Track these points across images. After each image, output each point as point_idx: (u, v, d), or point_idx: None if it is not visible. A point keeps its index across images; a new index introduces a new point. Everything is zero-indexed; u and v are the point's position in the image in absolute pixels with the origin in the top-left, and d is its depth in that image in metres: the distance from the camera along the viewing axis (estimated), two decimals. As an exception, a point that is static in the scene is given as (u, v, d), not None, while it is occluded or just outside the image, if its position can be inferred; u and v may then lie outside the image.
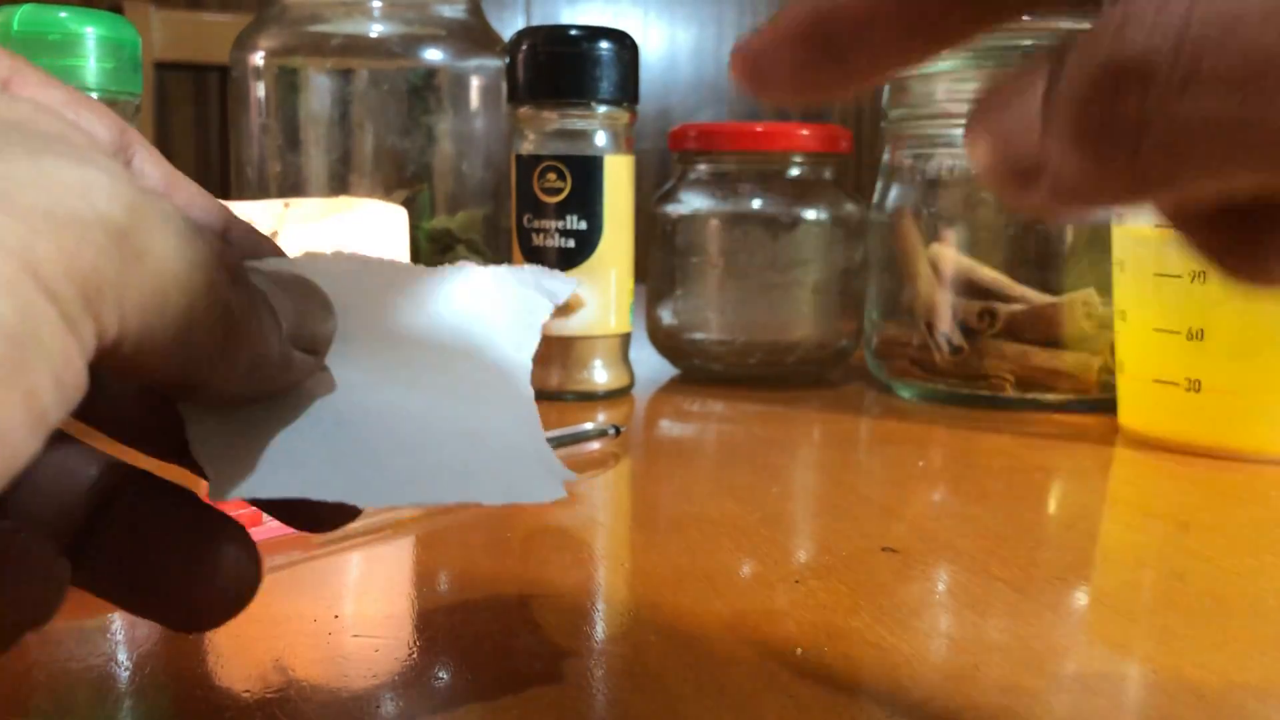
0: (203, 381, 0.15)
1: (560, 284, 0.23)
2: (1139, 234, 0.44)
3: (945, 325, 0.52)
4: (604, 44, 0.51)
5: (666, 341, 0.58)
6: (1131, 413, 0.46)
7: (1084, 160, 0.12)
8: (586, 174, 0.51)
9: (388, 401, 0.19)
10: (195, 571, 0.19)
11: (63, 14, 0.49)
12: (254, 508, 0.31)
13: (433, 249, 0.57)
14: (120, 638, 0.26)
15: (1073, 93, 0.12)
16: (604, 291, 0.52)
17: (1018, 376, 0.50)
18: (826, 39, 0.15)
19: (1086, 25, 0.12)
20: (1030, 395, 0.51)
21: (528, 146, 0.52)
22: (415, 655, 0.25)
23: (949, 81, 0.53)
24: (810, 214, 0.56)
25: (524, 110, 0.52)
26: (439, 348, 0.20)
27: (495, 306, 0.22)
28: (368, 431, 0.18)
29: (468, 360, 0.21)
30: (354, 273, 0.20)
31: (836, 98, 0.16)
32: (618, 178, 0.51)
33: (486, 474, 0.19)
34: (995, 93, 0.13)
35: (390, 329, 0.20)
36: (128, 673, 0.24)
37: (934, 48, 0.15)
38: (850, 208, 0.57)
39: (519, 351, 0.22)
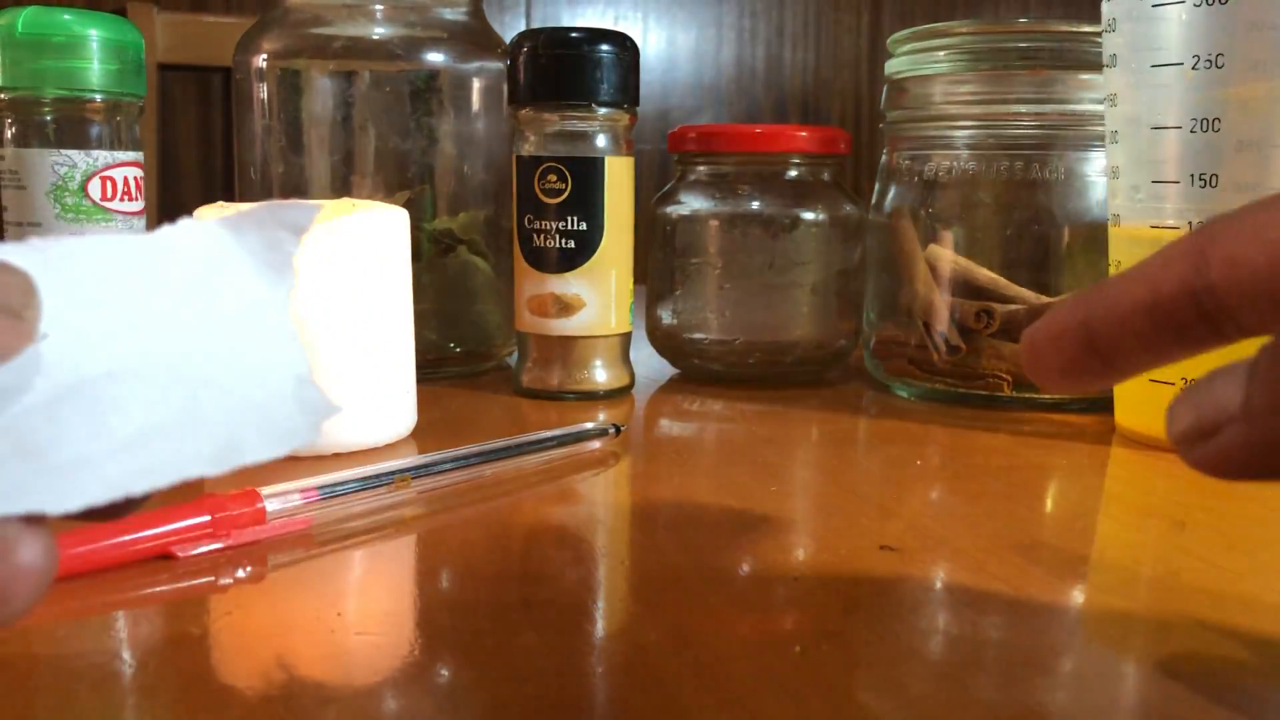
0: None
1: (301, 213, 0.21)
2: (1135, 234, 0.45)
3: (943, 325, 0.52)
4: (604, 46, 0.51)
5: (666, 341, 0.59)
6: (1128, 412, 0.46)
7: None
8: (587, 175, 0.51)
9: (101, 380, 0.17)
10: None
11: (67, 16, 0.49)
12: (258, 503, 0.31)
13: (434, 250, 0.57)
14: (124, 635, 0.27)
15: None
16: (604, 292, 0.52)
17: (1015, 376, 0.51)
18: (1091, 341, 0.20)
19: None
20: (1027, 394, 0.51)
21: (529, 148, 0.52)
22: (417, 653, 0.25)
23: (946, 84, 0.53)
24: (809, 215, 0.56)
25: (525, 112, 0.52)
26: (166, 313, 0.19)
27: (233, 254, 0.20)
28: (61, 421, 0.16)
29: (205, 317, 0.19)
30: (67, 254, 0.18)
31: (1102, 386, 0.22)
32: (618, 179, 0.52)
33: (204, 441, 0.18)
34: (1197, 382, 0.19)
35: (114, 303, 0.18)
36: (131, 670, 0.24)
37: (1181, 353, 0.19)
38: (848, 209, 0.57)
39: (272, 291, 0.20)
